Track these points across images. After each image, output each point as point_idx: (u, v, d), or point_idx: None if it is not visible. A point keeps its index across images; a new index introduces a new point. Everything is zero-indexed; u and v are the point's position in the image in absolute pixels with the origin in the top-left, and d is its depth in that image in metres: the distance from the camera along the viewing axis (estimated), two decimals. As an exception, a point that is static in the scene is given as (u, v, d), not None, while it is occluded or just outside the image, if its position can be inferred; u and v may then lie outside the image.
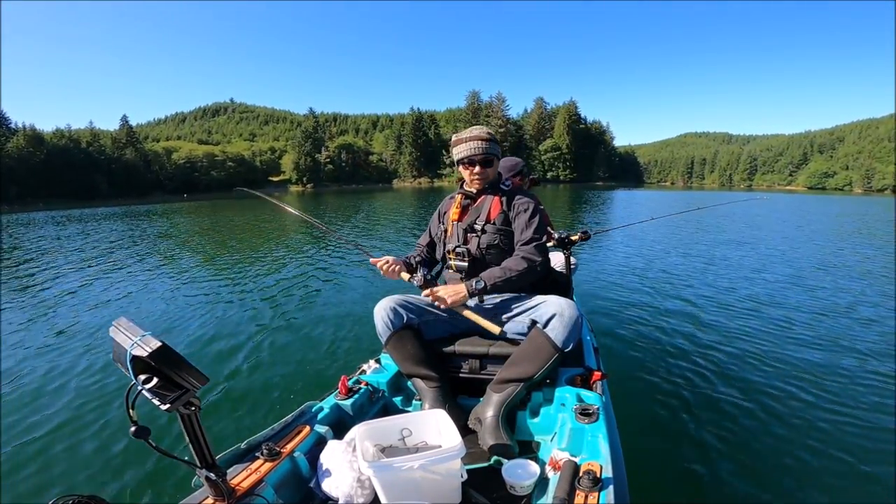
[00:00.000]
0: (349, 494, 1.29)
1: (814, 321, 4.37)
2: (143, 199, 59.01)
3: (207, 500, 1.12)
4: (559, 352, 1.63)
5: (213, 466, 1.09)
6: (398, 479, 1.22)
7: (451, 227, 1.95)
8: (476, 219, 1.90)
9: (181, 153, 76.43)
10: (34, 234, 15.88)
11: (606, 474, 1.18)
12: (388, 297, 1.85)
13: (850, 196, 65.78)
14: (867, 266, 7.40)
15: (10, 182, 50.83)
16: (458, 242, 1.90)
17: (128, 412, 0.92)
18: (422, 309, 1.88)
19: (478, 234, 1.87)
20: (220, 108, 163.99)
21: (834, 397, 2.92)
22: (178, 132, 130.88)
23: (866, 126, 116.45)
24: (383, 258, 1.90)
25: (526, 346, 1.69)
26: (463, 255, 1.88)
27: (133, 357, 0.91)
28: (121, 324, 0.99)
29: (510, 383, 1.63)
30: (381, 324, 1.80)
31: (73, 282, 7.32)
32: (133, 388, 0.93)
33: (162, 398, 0.94)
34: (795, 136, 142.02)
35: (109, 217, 25.22)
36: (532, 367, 1.63)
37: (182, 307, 5.49)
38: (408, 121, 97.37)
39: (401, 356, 1.79)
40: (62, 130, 63.57)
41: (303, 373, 3.57)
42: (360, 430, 1.37)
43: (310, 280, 6.86)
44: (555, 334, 1.63)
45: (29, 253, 10.97)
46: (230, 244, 11.38)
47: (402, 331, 1.80)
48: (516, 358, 1.68)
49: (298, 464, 1.40)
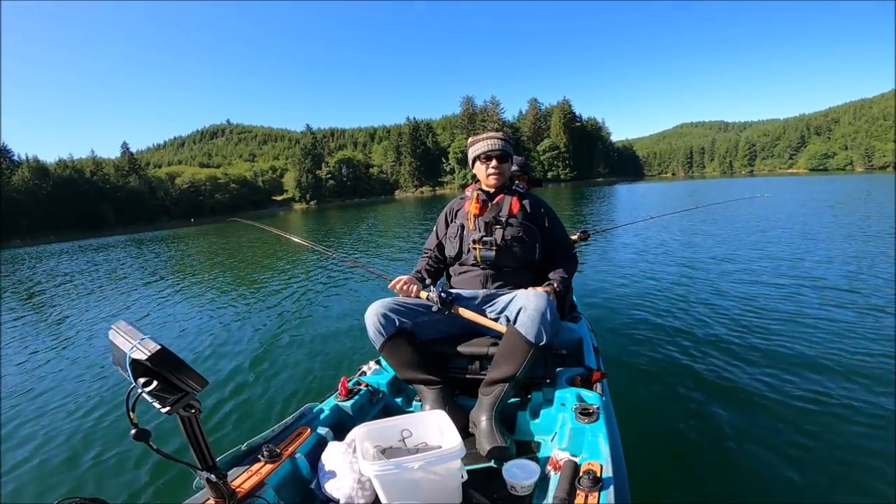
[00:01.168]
0: (350, 496, 1.30)
1: (820, 321, 4.20)
2: (150, 225, 59.77)
3: (208, 501, 1.13)
4: (532, 346, 1.59)
5: (213, 468, 1.09)
6: (399, 480, 1.22)
7: (472, 221, 1.97)
8: (498, 213, 1.94)
9: (184, 178, 77.22)
10: (66, 266, 16.03)
11: (607, 474, 1.18)
12: (378, 301, 1.82)
13: (853, 175, 65.54)
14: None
15: (20, 215, 51.54)
16: (482, 233, 1.92)
17: (128, 415, 0.93)
18: (415, 311, 1.84)
19: (502, 227, 1.91)
20: (217, 130, 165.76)
21: (838, 397, 2.85)
22: (178, 157, 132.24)
23: (859, 106, 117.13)
24: (398, 280, 1.89)
25: (502, 346, 1.68)
26: (490, 245, 1.89)
27: (133, 360, 0.91)
28: (120, 327, 0.99)
29: (496, 384, 1.63)
30: (373, 330, 1.77)
31: (91, 306, 7.54)
32: (133, 391, 0.94)
33: (162, 401, 0.95)
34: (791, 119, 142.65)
35: (121, 245, 25.72)
36: (511, 366, 1.61)
37: (182, 311, 5.62)
38: (405, 131, 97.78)
39: (396, 362, 1.77)
40: (65, 161, 64.53)
41: (303, 375, 3.59)
42: (361, 432, 1.37)
43: (308, 284, 6.93)
44: (524, 329, 1.60)
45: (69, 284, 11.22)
46: (233, 258, 11.74)
47: (395, 337, 1.76)
48: (497, 358, 1.67)
49: (299, 465, 1.40)
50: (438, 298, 1.80)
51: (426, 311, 1.86)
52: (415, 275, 2.04)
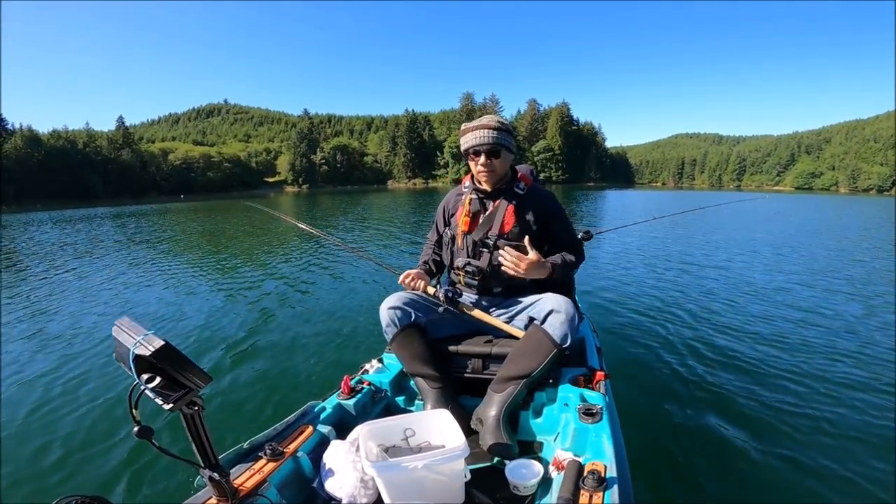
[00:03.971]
0: (352, 494, 1.30)
1: (824, 322, 4.26)
2: (139, 199, 59.44)
3: (210, 500, 1.13)
4: (557, 347, 1.60)
5: (216, 466, 1.10)
6: (401, 479, 1.22)
7: (461, 238, 1.85)
8: (488, 231, 1.79)
9: (178, 154, 77.05)
10: (49, 235, 16.13)
11: (611, 474, 1.19)
12: (395, 294, 1.84)
13: (836, 195, 66.79)
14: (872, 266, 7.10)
15: (8, 182, 51.39)
16: (468, 258, 1.82)
17: (131, 412, 0.93)
18: (429, 307, 1.85)
19: (490, 250, 1.78)
20: (213, 109, 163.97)
21: (839, 398, 2.87)
22: (172, 133, 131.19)
23: (853, 127, 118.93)
24: (406, 274, 1.87)
25: (524, 343, 1.67)
26: (473, 274, 1.81)
27: (136, 356, 0.91)
28: (123, 323, 0.99)
29: (510, 382, 1.61)
30: (388, 321, 1.77)
31: (78, 282, 7.42)
32: (136, 387, 0.94)
33: (165, 398, 0.94)
34: (783, 136, 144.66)
35: (111, 217, 25.40)
36: (531, 363, 1.60)
37: (184, 309, 5.59)
38: (402, 122, 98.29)
39: (406, 354, 1.76)
40: (59, 131, 63.99)
41: (305, 372, 3.59)
42: (363, 430, 1.38)
43: (311, 280, 6.91)
44: (553, 330, 1.61)
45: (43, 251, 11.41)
46: (230, 246, 11.25)
47: (408, 329, 1.77)
48: (515, 355, 1.65)
49: (301, 464, 1.41)
50: (445, 297, 1.81)
51: (435, 308, 1.86)
52: (422, 266, 2.01)
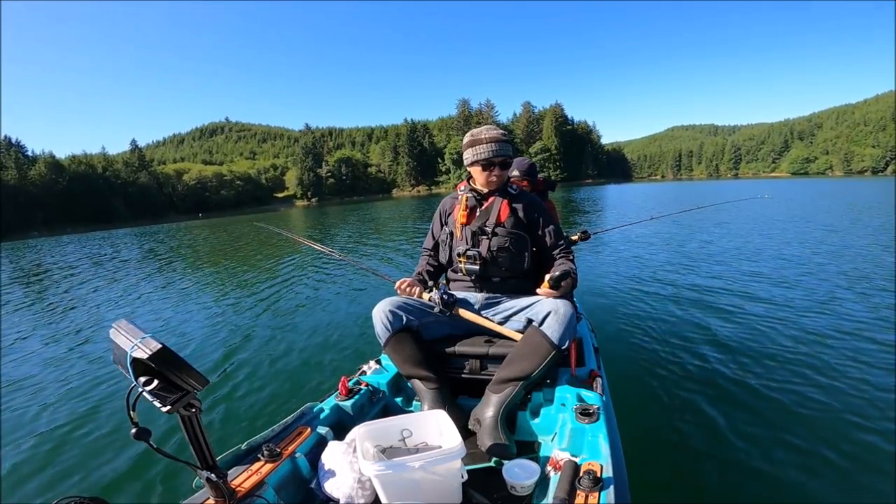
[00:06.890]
0: (350, 495, 1.30)
1: (822, 319, 4.27)
2: (158, 219, 62.27)
3: (208, 501, 1.13)
4: (556, 349, 1.62)
5: (213, 468, 1.10)
6: (399, 480, 1.22)
7: (460, 230, 1.94)
8: (485, 221, 1.89)
9: (191, 175, 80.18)
10: (107, 252, 17.08)
11: (607, 474, 1.19)
12: (387, 298, 1.84)
13: (832, 179, 66.59)
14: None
15: (37, 209, 54.68)
16: (468, 245, 1.90)
17: (129, 414, 0.93)
18: (422, 311, 1.87)
19: (488, 237, 1.86)
20: (216, 127, 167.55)
21: (839, 398, 2.85)
22: (180, 153, 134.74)
23: (842, 112, 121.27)
24: (402, 282, 1.92)
25: (522, 345, 1.69)
26: (474, 259, 1.87)
27: (133, 359, 0.92)
28: (121, 326, 0.99)
29: (508, 383, 1.62)
30: (380, 325, 1.78)
31: (93, 295, 8.03)
32: (134, 390, 0.94)
33: (162, 400, 0.95)
34: (776, 124, 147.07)
35: (136, 236, 26.84)
36: (529, 364, 1.61)
37: (185, 312, 5.73)
38: (402, 131, 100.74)
39: (400, 358, 1.78)
40: (78, 157, 67.39)
41: (303, 374, 3.60)
42: (361, 431, 1.38)
43: (310, 283, 7.04)
44: (551, 332, 1.63)
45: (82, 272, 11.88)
46: (239, 258, 11.89)
47: (400, 333, 1.78)
48: (513, 357, 1.67)
49: (299, 465, 1.41)
50: (440, 300, 1.83)
51: (430, 311, 1.88)
52: (416, 277, 2.05)
